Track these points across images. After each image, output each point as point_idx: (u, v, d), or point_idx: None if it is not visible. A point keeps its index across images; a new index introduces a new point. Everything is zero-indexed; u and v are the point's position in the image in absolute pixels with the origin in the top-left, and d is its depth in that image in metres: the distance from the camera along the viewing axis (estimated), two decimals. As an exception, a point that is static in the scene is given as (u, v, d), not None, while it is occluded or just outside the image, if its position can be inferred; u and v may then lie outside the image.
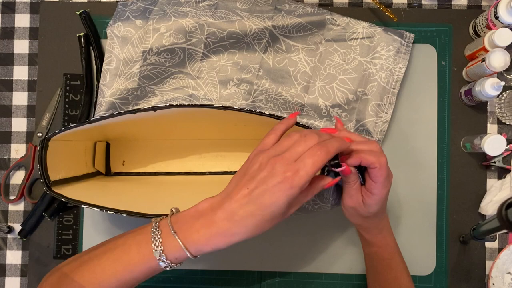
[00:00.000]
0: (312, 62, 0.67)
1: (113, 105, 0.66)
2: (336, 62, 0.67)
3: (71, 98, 0.72)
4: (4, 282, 0.71)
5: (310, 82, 0.67)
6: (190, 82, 0.67)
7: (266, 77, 0.67)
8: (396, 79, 0.67)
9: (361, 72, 0.67)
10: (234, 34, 0.67)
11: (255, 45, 0.67)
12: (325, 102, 0.67)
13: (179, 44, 0.66)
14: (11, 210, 0.72)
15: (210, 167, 0.70)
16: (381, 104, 0.66)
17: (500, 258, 0.67)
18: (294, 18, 0.67)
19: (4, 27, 0.73)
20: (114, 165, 0.70)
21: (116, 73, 0.67)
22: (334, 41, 0.67)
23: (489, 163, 0.68)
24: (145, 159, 0.70)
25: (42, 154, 0.55)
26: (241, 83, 0.67)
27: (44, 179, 0.55)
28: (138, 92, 0.66)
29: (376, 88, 0.66)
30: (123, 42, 0.67)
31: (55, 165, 0.57)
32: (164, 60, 0.67)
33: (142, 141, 0.70)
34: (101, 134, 0.66)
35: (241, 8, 0.68)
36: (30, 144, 0.71)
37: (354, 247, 0.69)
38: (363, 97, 0.67)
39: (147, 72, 0.66)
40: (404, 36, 0.67)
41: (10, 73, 0.73)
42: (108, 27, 0.68)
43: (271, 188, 0.43)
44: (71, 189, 0.58)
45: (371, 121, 0.66)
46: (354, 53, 0.67)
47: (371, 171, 0.51)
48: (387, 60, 0.66)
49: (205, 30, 0.66)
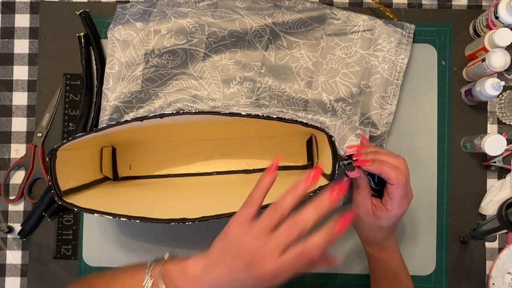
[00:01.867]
0: (314, 57, 0.67)
1: (117, 109, 0.66)
2: (338, 56, 0.67)
3: (71, 98, 0.72)
4: (4, 282, 0.71)
5: (313, 77, 0.67)
6: (193, 83, 0.67)
7: (269, 74, 0.67)
8: (399, 70, 0.67)
9: (363, 65, 0.67)
10: (235, 32, 0.67)
11: (256, 42, 0.67)
12: (329, 96, 0.67)
13: (181, 45, 0.66)
14: (11, 210, 0.72)
15: (217, 167, 0.69)
16: (385, 96, 0.66)
17: (500, 258, 0.67)
18: (294, 14, 0.67)
19: (4, 27, 0.73)
20: (121, 170, 0.69)
21: (119, 77, 0.67)
22: (335, 35, 0.68)
23: (489, 163, 0.68)
24: (152, 161, 0.69)
25: (51, 165, 0.54)
26: (244, 81, 0.67)
27: (55, 190, 0.54)
28: (142, 95, 0.66)
29: (379, 80, 0.66)
30: (124, 45, 0.67)
31: (64, 175, 0.56)
32: (166, 62, 0.67)
33: (148, 144, 0.70)
34: (107, 140, 0.66)
35: (241, 7, 0.68)
36: (30, 144, 0.71)
37: (354, 247, 0.69)
38: (367, 90, 0.67)
39: (149, 75, 0.66)
40: (404, 27, 0.67)
41: (10, 73, 0.73)
42: (109, 31, 0.68)
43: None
44: (82, 198, 0.57)
45: (376, 113, 0.66)
46: (356, 46, 0.67)
47: (389, 186, 0.52)
48: (389, 52, 0.67)
49: (206, 30, 0.66)
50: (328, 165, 0.56)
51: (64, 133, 0.71)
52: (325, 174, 0.57)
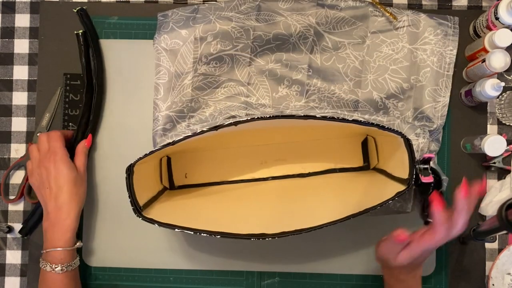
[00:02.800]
0: (361, 56, 0.68)
1: (169, 119, 0.67)
2: (385, 53, 0.68)
3: (71, 98, 0.72)
4: (4, 281, 0.71)
5: (361, 76, 0.68)
6: (242, 89, 0.67)
7: (317, 76, 0.68)
8: (448, 61, 0.67)
9: (411, 60, 0.67)
10: (280, 35, 0.67)
11: (301, 45, 0.67)
12: (380, 94, 0.67)
13: (227, 51, 0.67)
14: (11, 210, 0.72)
15: (272, 172, 0.69)
16: (437, 88, 0.67)
17: (500, 259, 0.67)
18: (337, 12, 0.68)
19: (4, 27, 0.73)
20: (177, 179, 0.69)
21: (169, 87, 0.67)
22: (380, 32, 0.68)
23: (489, 164, 0.68)
24: (207, 169, 0.69)
25: (130, 181, 0.53)
26: (292, 84, 0.68)
27: (135, 207, 0.53)
28: (192, 103, 0.67)
29: (429, 74, 0.67)
30: (172, 55, 0.67)
31: (138, 190, 0.55)
32: (213, 69, 0.67)
33: (202, 152, 0.69)
34: (165, 150, 0.65)
35: (284, 8, 0.68)
36: (30, 144, 0.71)
37: (354, 247, 0.69)
38: (417, 84, 0.67)
39: (198, 83, 0.67)
40: (449, 19, 0.68)
41: (10, 73, 0.73)
42: (155, 41, 0.68)
43: None
44: (155, 212, 0.57)
45: (429, 106, 0.67)
46: (402, 41, 0.68)
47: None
48: (437, 44, 0.67)
49: (251, 35, 0.67)
50: (399, 169, 0.55)
51: (64, 133, 0.71)
52: (401, 179, 0.56)
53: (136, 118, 0.71)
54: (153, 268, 0.70)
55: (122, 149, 0.71)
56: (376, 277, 0.69)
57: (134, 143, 0.71)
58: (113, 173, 0.71)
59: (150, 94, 0.70)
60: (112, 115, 0.71)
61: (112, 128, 0.71)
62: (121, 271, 0.70)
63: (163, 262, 0.70)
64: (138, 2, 0.73)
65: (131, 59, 0.72)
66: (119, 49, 0.72)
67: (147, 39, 0.72)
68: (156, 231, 0.69)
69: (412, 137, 0.64)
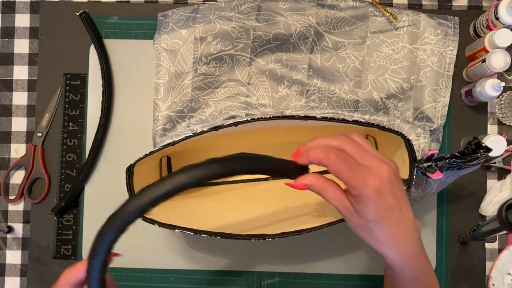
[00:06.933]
0: (361, 56, 0.68)
1: (169, 119, 0.66)
2: (385, 53, 0.68)
3: (71, 98, 0.72)
4: (4, 281, 0.71)
5: (362, 76, 0.68)
6: (242, 89, 0.67)
7: (317, 76, 0.68)
8: (448, 62, 0.67)
9: (411, 60, 0.67)
10: (280, 35, 0.67)
11: (301, 45, 0.67)
12: (380, 94, 0.67)
13: (227, 51, 0.67)
14: (11, 210, 0.72)
15: None
16: (437, 88, 0.67)
17: (500, 259, 0.67)
18: (337, 12, 0.68)
19: (4, 27, 0.73)
20: None
21: (169, 87, 0.67)
22: (380, 32, 0.68)
23: (489, 164, 0.68)
24: None
25: (130, 182, 0.53)
26: (293, 84, 0.68)
27: None
28: (192, 103, 0.67)
29: (429, 74, 0.67)
30: (172, 55, 0.67)
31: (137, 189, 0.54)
32: (214, 69, 0.67)
33: (202, 152, 0.68)
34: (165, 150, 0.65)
35: (284, 8, 0.68)
36: (30, 144, 0.71)
37: (354, 248, 0.69)
38: (417, 84, 0.67)
39: (199, 83, 0.67)
40: (449, 19, 0.68)
41: (10, 73, 0.73)
42: (155, 41, 0.68)
43: None
44: (155, 212, 0.55)
45: (429, 106, 0.67)
46: (402, 41, 0.68)
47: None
48: (437, 44, 0.67)
49: (251, 35, 0.67)
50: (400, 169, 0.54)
51: (64, 133, 0.71)
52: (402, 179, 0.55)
53: (136, 118, 0.71)
54: (153, 268, 0.70)
55: (122, 149, 0.71)
56: (376, 277, 0.69)
57: (134, 143, 0.71)
58: (113, 173, 0.71)
59: (150, 94, 0.70)
60: (112, 115, 0.71)
61: (112, 128, 0.71)
62: (121, 271, 0.70)
63: (163, 262, 0.70)
64: (138, 2, 0.73)
65: (131, 59, 0.72)
66: (119, 49, 0.72)
67: (147, 39, 0.72)
68: (156, 231, 0.69)
69: (413, 137, 0.64)
